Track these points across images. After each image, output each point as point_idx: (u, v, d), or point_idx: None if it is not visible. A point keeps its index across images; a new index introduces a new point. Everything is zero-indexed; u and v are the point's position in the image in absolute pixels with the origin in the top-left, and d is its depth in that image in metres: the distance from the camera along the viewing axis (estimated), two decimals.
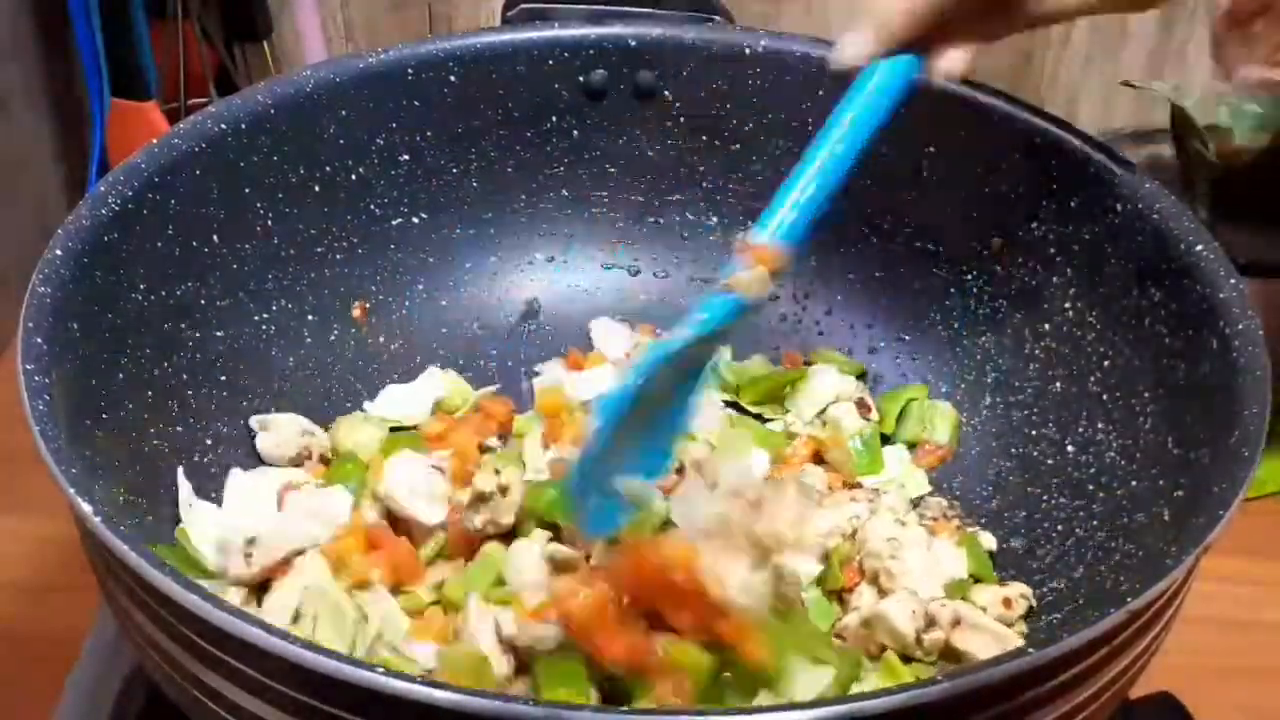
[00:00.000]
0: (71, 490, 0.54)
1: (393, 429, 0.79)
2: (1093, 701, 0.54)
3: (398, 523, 0.72)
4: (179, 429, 0.71)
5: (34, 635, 0.79)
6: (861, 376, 0.83)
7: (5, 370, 0.60)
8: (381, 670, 0.47)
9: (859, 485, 0.77)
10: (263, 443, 0.76)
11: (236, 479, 0.74)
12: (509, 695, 0.60)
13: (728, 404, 0.82)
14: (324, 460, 0.77)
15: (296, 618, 0.65)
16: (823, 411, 0.81)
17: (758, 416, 0.82)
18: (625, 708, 0.60)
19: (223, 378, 0.75)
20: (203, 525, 0.70)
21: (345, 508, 0.71)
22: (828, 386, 0.81)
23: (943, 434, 0.79)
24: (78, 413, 0.61)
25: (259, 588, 0.68)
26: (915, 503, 0.77)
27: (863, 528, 0.72)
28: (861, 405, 0.80)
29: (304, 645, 0.48)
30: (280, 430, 0.76)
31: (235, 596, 0.67)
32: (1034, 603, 0.69)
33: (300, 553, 0.68)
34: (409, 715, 0.47)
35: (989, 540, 0.74)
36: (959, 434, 0.79)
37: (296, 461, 0.76)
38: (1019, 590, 0.69)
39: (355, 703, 0.48)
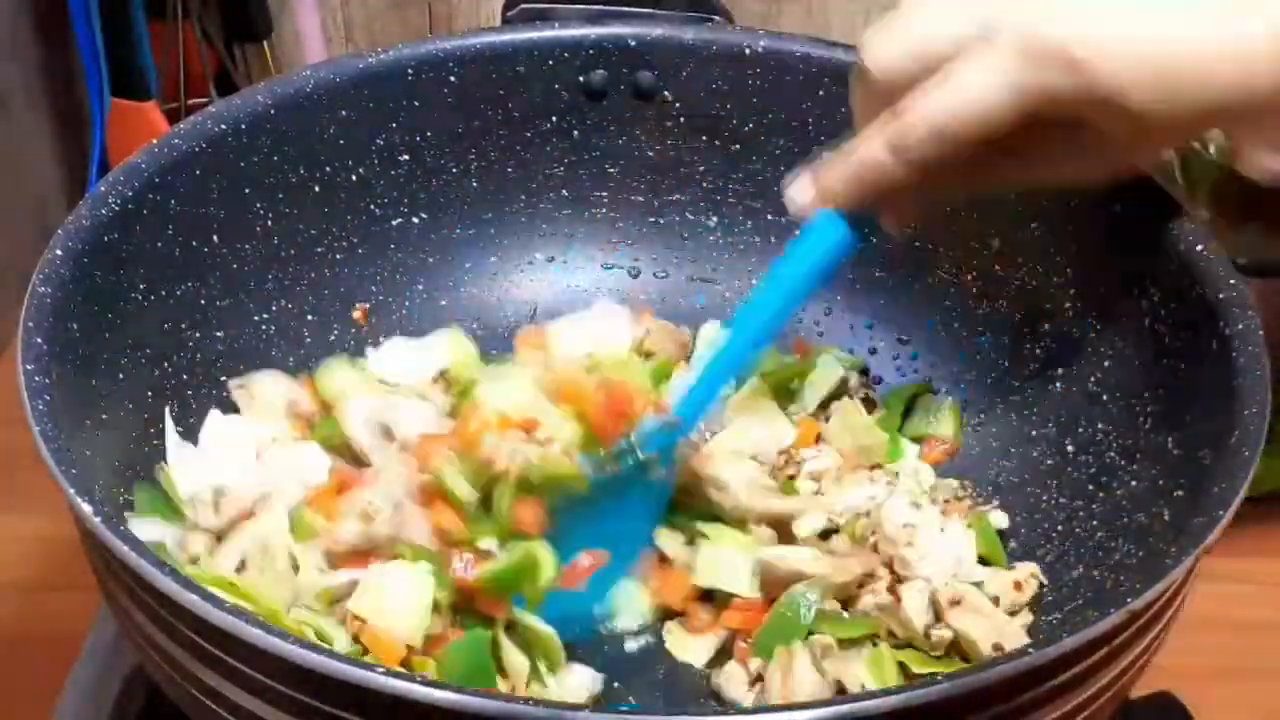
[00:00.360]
0: (71, 490, 0.54)
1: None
2: (1093, 702, 0.54)
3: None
4: (179, 429, 0.71)
5: (34, 635, 0.79)
6: (864, 373, 0.83)
7: (5, 370, 0.60)
8: (382, 670, 0.48)
9: (879, 466, 0.77)
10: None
11: (214, 422, 0.73)
12: (509, 695, 0.60)
13: None
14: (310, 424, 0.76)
15: (242, 567, 0.65)
16: (826, 405, 0.80)
17: None
18: (625, 707, 0.61)
19: (223, 378, 0.75)
20: (185, 469, 0.70)
21: (323, 468, 0.71)
22: (833, 379, 0.81)
23: (948, 429, 0.78)
24: (78, 413, 0.61)
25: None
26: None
27: (878, 509, 0.72)
28: (867, 401, 0.80)
29: (304, 645, 0.48)
30: (264, 392, 0.75)
31: (200, 542, 0.67)
32: (1044, 580, 0.69)
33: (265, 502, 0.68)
34: (409, 715, 0.47)
35: (1000, 519, 0.73)
36: (962, 430, 0.79)
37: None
38: (1028, 570, 0.69)
39: (355, 703, 0.48)
